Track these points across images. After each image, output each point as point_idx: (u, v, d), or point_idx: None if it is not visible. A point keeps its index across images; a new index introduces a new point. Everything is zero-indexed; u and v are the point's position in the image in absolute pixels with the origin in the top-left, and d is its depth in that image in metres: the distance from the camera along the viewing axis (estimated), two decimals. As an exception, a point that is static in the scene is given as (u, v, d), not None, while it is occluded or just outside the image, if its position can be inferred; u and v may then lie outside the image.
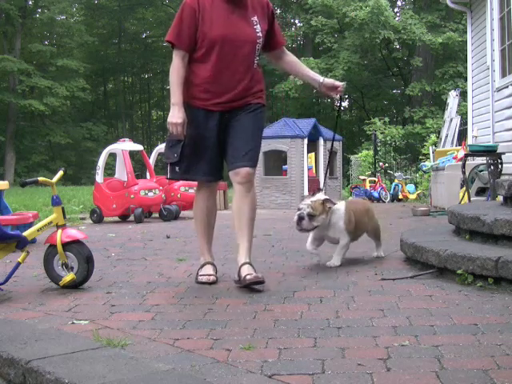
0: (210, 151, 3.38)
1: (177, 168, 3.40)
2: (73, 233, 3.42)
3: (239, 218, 3.33)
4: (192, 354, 2.12)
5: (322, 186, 4.03)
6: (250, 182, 3.34)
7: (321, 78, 3.55)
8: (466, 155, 7.51)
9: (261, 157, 11.80)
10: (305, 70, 3.63)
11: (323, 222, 3.78)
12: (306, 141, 11.70)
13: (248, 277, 3.13)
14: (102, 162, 8.72)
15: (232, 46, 3.28)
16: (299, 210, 3.73)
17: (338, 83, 3.52)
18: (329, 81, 3.55)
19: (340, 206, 3.92)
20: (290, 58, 3.63)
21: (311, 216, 3.69)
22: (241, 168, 3.30)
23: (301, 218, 3.70)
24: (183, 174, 3.43)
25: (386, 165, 16.64)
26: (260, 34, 3.36)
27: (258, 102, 3.42)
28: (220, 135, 3.38)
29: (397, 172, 16.36)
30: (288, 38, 28.64)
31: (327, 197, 3.84)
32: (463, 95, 15.21)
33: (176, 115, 3.27)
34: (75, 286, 3.35)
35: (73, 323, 2.58)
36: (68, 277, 3.30)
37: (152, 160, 9.76)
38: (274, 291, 3.16)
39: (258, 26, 3.36)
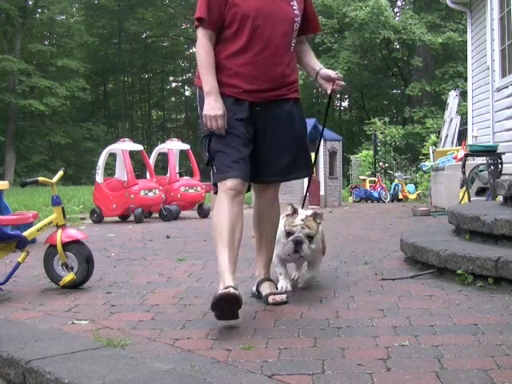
0: (244, 145, 2.79)
1: (214, 168, 2.81)
2: (73, 233, 3.43)
3: (261, 230, 3.03)
4: (192, 354, 2.12)
5: (300, 207, 3.19)
6: (277, 192, 3.04)
7: (318, 67, 3.03)
8: (466, 155, 7.51)
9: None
10: (310, 58, 3.11)
11: (318, 243, 3.10)
12: (305, 141, 11.70)
13: (270, 298, 2.88)
14: (102, 162, 8.73)
15: (268, 22, 2.78)
16: (290, 233, 2.92)
17: (333, 75, 2.94)
18: (325, 71, 2.99)
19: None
20: (307, 47, 3.15)
21: (311, 238, 2.94)
22: (275, 184, 3.00)
23: (299, 243, 2.90)
24: (218, 173, 2.78)
25: (386, 165, 16.65)
26: (298, 13, 2.89)
27: (295, 98, 2.93)
28: (251, 129, 2.84)
29: (397, 172, 16.38)
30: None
31: (315, 211, 3.11)
32: (463, 95, 15.22)
33: (214, 106, 2.72)
34: (75, 285, 3.35)
35: (73, 323, 2.59)
36: (68, 277, 3.31)
37: (152, 160, 9.77)
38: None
39: (295, 2, 2.89)
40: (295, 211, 2.98)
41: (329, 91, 2.96)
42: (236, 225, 2.70)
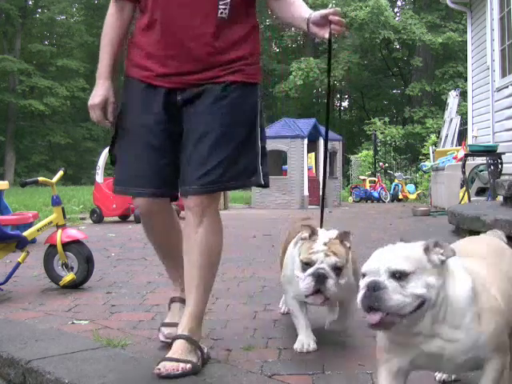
0: (152, 148, 2.12)
1: (115, 175, 2.24)
2: (73, 233, 3.43)
3: (187, 263, 2.11)
4: (192, 354, 2.12)
5: (319, 223, 2.29)
6: (205, 208, 2.07)
7: (307, 14, 2.14)
8: (466, 155, 7.52)
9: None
10: (297, 8, 2.20)
11: (348, 276, 2.10)
12: (305, 141, 11.71)
13: (161, 366, 1.88)
14: (101, 162, 8.73)
15: None
16: (309, 264, 2.01)
17: (327, 11, 2.09)
18: (316, 14, 2.12)
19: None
20: None
21: (339, 270, 2.01)
22: (192, 195, 2.06)
23: (322, 278, 1.97)
24: (118, 183, 2.20)
25: (386, 165, 16.67)
26: None
27: (233, 81, 2.09)
28: (172, 127, 2.13)
29: (397, 172, 16.39)
30: (288, 38, 28.69)
31: (341, 230, 2.17)
32: (463, 95, 15.23)
33: (95, 93, 2.18)
34: (75, 285, 3.35)
35: (73, 323, 2.58)
36: (68, 277, 3.31)
37: (152, 160, 9.76)
38: (274, 291, 3.16)
39: None
40: (314, 232, 2.09)
41: (326, 35, 2.10)
42: (161, 245, 2.32)
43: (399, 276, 1.37)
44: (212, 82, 2.08)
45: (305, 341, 2.18)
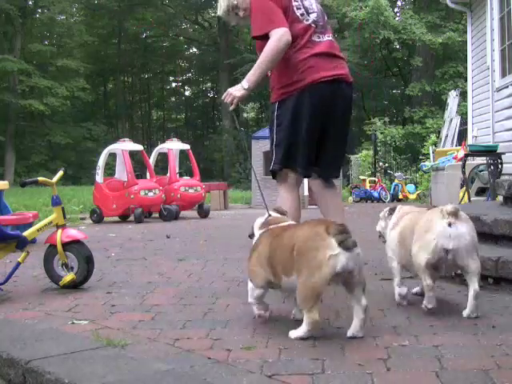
0: None
1: None
2: (73, 233, 3.43)
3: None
4: (192, 354, 2.12)
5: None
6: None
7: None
8: (466, 155, 7.51)
9: (261, 157, 11.81)
10: None
11: None
12: (305, 141, 11.71)
13: None
14: (102, 162, 8.74)
15: None
16: None
17: None
18: None
19: None
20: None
21: None
22: None
23: None
24: None
25: (386, 165, 16.67)
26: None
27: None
28: None
29: (397, 172, 16.39)
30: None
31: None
32: (463, 95, 15.22)
33: None
34: (75, 286, 3.35)
35: (73, 323, 2.58)
36: (68, 277, 3.31)
37: (152, 160, 9.77)
38: (274, 291, 3.15)
39: None
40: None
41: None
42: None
43: None
44: None
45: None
